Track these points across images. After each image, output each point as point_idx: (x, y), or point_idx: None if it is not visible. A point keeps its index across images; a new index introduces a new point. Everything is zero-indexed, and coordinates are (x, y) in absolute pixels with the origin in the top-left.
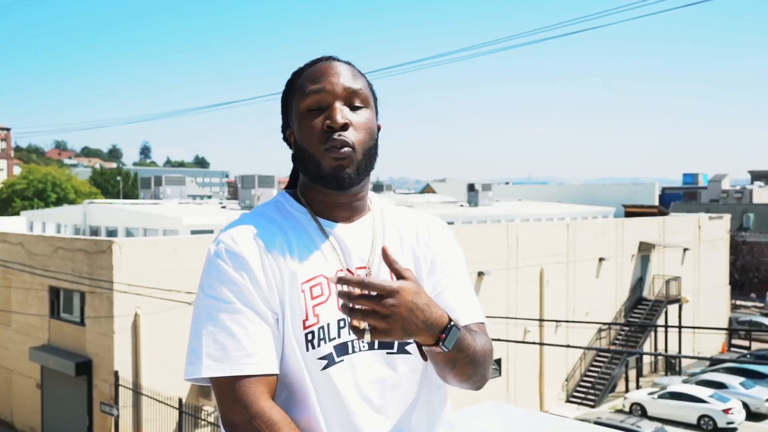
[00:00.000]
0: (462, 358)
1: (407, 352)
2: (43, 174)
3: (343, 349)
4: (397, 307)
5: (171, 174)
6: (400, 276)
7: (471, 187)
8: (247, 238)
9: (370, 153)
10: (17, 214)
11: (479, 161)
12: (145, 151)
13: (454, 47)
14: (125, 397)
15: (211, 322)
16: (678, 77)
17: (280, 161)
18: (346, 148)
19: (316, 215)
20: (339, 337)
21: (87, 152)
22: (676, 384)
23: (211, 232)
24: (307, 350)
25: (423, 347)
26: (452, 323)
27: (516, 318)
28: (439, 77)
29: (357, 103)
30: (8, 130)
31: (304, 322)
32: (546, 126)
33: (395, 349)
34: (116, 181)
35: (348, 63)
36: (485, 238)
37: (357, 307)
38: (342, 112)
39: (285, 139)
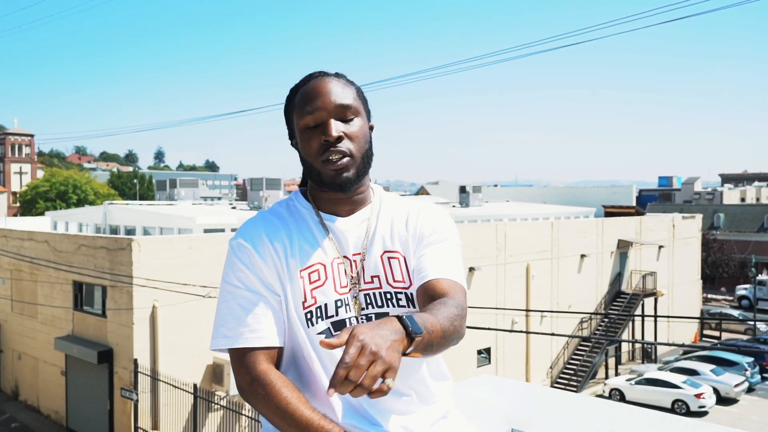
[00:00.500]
0: (435, 341)
1: None
2: (64, 177)
3: (341, 325)
4: (371, 344)
5: (184, 177)
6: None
7: (462, 189)
8: (255, 234)
9: (367, 155)
10: (41, 214)
11: (470, 165)
12: (159, 155)
13: (448, 60)
14: (144, 383)
15: (226, 304)
16: (655, 87)
17: (285, 165)
18: (344, 159)
19: (320, 210)
20: (337, 315)
21: (105, 157)
22: (651, 371)
23: (223, 230)
24: (308, 327)
25: (406, 353)
26: (400, 316)
27: (504, 308)
28: (434, 87)
29: (348, 116)
30: (32, 136)
31: (303, 303)
32: (532, 132)
33: None
34: (133, 184)
35: (337, 76)
36: (476, 236)
37: (359, 381)
38: (336, 127)
39: (293, 145)
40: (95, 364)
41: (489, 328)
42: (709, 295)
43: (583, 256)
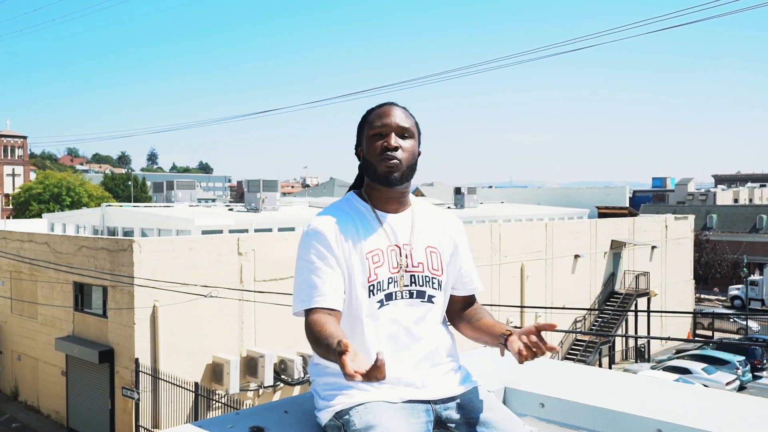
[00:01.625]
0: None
1: (432, 302)
2: (58, 179)
3: (390, 297)
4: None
5: (180, 179)
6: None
7: (457, 191)
8: (327, 222)
9: (411, 166)
10: (35, 216)
11: (465, 166)
12: (152, 157)
13: (446, 61)
14: (145, 382)
15: (302, 277)
16: (649, 88)
17: (279, 167)
18: (395, 160)
19: (375, 208)
20: (388, 288)
21: (98, 159)
22: (644, 370)
23: (221, 231)
24: (369, 297)
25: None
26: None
27: (498, 305)
28: (429, 89)
29: (405, 135)
30: (25, 138)
31: (368, 278)
32: (526, 134)
33: (426, 299)
34: (126, 186)
35: (403, 108)
36: (471, 237)
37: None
38: (395, 139)
39: (356, 154)
40: (96, 364)
41: None
42: (702, 295)
43: (576, 256)
